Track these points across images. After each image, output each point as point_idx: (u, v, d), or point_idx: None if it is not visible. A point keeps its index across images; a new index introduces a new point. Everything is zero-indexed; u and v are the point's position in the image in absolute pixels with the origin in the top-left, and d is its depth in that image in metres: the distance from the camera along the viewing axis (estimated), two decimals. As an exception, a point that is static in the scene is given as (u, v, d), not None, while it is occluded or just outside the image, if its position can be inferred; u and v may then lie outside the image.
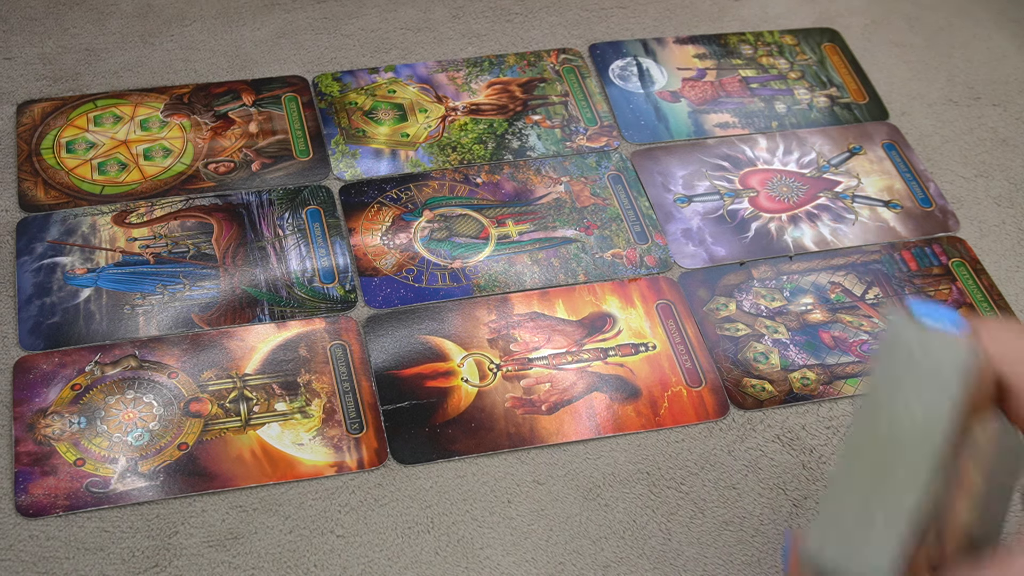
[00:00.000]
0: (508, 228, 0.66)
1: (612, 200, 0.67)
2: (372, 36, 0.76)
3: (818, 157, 0.71)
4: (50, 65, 0.72)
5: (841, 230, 0.67)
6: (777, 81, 0.75)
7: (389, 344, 0.60)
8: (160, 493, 0.54)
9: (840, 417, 0.59)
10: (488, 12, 0.78)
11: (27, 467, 0.54)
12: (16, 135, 0.68)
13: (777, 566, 0.53)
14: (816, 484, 0.56)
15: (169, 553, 0.52)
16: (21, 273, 0.62)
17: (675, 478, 0.56)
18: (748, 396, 0.59)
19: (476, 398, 0.58)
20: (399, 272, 0.63)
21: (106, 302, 0.61)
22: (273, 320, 0.61)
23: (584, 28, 0.77)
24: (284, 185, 0.67)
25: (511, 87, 0.73)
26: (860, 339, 0.62)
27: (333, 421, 0.57)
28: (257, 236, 0.64)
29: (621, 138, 0.71)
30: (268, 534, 0.53)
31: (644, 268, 0.64)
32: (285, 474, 0.55)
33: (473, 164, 0.69)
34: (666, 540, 0.54)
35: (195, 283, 0.62)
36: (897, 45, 0.78)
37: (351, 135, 0.70)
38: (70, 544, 0.52)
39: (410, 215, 0.66)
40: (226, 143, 0.69)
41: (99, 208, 0.65)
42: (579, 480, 0.56)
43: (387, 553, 0.53)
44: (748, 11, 0.79)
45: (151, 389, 0.58)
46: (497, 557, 0.53)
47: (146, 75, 0.72)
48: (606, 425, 0.58)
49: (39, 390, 0.57)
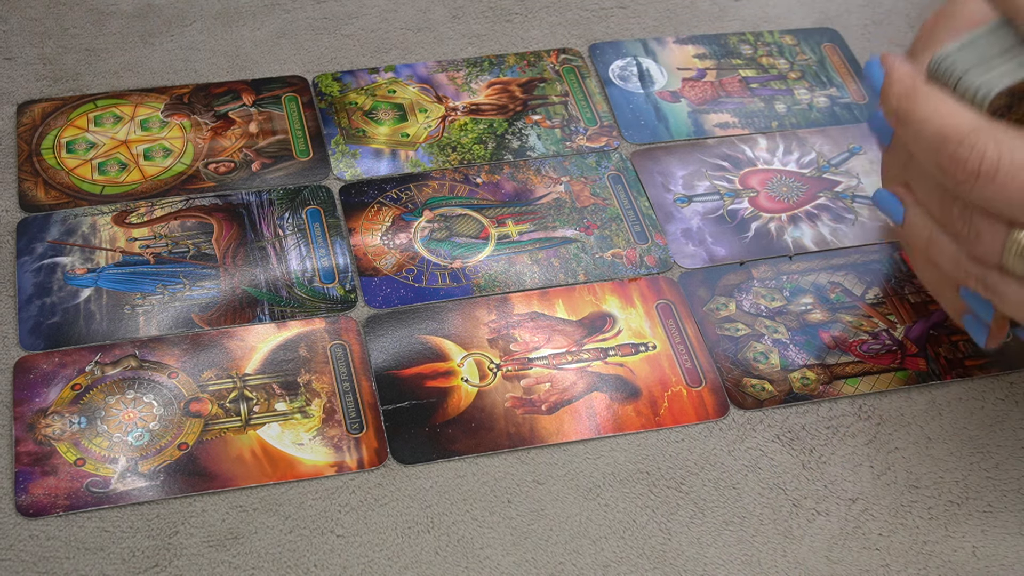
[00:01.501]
0: (508, 228, 0.66)
1: (612, 200, 0.67)
2: (372, 36, 0.76)
3: (818, 157, 0.71)
4: (50, 65, 0.72)
5: (841, 230, 0.67)
6: (777, 81, 0.75)
7: (389, 344, 0.60)
8: (160, 493, 0.54)
9: (840, 417, 0.59)
10: (488, 12, 0.78)
11: (27, 467, 0.54)
12: (16, 135, 0.68)
13: (777, 566, 0.53)
14: (816, 484, 0.56)
15: (169, 553, 0.52)
16: (21, 273, 0.62)
17: (675, 478, 0.56)
18: (748, 396, 0.59)
19: (476, 398, 0.58)
20: (399, 272, 0.63)
21: (106, 302, 0.61)
22: (273, 320, 0.61)
23: (584, 28, 0.77)
24: (284, 185, 0.67)
25: (511, 87, 0.73)
26: (860, 339, 0.62)
27: (333, 421, 0.57)
28: (257, 236, 0.64)
29: (621, 138, 0.71)
30: (268, 534, 0.53)
31: (644, 268, 0.65)
32: (285, 474, 0.55)
33: (473, 164, 0.69)
34: (666, 540, 0.54)
35: (195, 283, 0.62)
36: (897, 45, 0.78)
37: (351, 135, 0.70)
38: (70, 544, 0.52)
39: (410, 215, 0.66)
40: (226, 143, 0.69)
41: (99, 208, 0.65)
42: (579, 480, 0.56)
43: (387, 553, 0.53)
44: (748, 11, 0.79)
45: (151, 389, 0.58)
46: (497, 557, 0.53)
47: (146, 75, 0.72)
48: (606, 425, 0.58)
49: (39, 390, 0.57)
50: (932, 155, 0.49)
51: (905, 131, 0.50)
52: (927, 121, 0.49)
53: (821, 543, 0.54)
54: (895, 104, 0.50)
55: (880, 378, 0.60)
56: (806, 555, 0.54)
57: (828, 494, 0.56)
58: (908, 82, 0.50)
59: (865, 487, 0.56)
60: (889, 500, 0.56)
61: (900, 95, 0.50)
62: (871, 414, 0.59)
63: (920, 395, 0.60)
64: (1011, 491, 0.56)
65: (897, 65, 0.50)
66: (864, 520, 0.55)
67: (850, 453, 0.58)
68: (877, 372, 0.61)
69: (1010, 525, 0.55)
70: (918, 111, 0.49)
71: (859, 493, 0.56)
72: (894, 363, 0.61)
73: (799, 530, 0.55)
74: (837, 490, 0.56)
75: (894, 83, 0.50)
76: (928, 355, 0.61)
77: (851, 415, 0.59)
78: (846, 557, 0.54)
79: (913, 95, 0.49)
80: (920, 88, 0.49)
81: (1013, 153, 0.47)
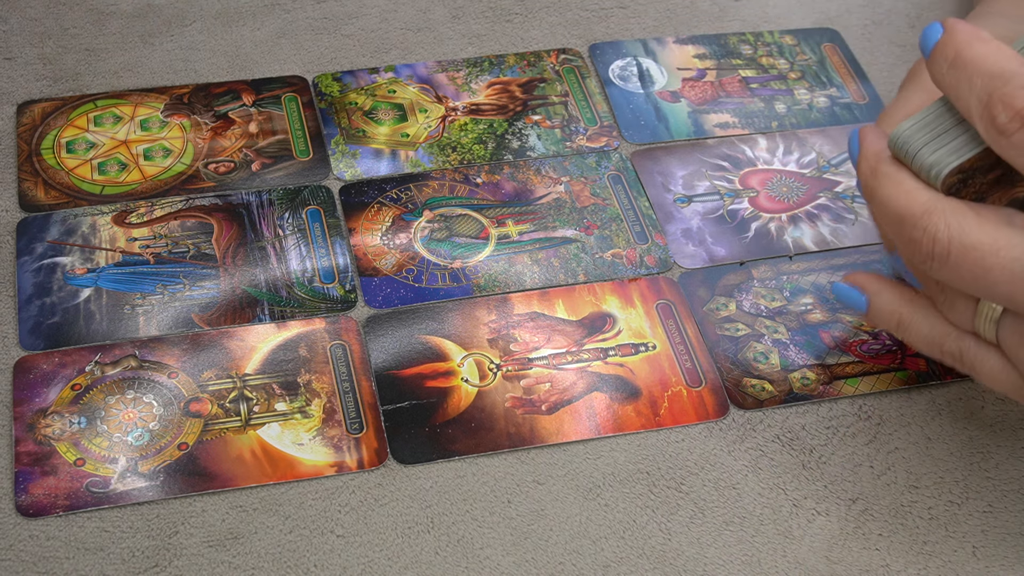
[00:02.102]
0: (508, 228, 0.66)
1: (612, 200, 0.67)
2: (372, 36, 0.76)
3: (818, 157, 0.71)
4: (50, 65, 0.72)
5: (841, 230, 0.67)
6: (777, 81, 0.75)
7: (389, 344, 0.60)
8: (160, 493, 0.54)
9: (840, 417, 0.59)
10: (488, 12, 0.78)
11: (27, 467, 0.54)
12: (16, 135, 0.68)
13: (777, 566, 0.53)
14: (816, 484, 0.56)
15: (169, 553, 0.52)
16: (21, 273, 0.62)
17: (675, 478, 0.56)
18: (748, 396, 0.59)
19: (476, 398, 0.58)
20: (399, 272, 0.63)
21: (106, 302, 0.61)
22: (273, 320, 0.61)
23: (584, 28, 0.77)
24: (284, 185, 0.67)
25: (511, 87, 0.73)
26: (860, 339, 0.62)
27: (333, 421, 0.57)
28: (257, 236, 0.64)
29: (621, 138, 0.71)
30: (268, 534, 0.53)
31: (644, 268, 0.65)
32: (285, 474, 0.55)
33: (473, 164, 0.69)
34: (666, 540, 0.54)
35: (195, 283, 0.62)
36: (897, 45, 0.78)
37: (351, 135, 0.70)
38: (70, 544, 0.52)
39: (410, 215, 0.66)
40: (226, 143, 0.69)
41: (99, 208, 0.65)
42: (579, 480, 0.56)
43: (387, 553, 0.53)
44: (748, 11, 0.79)
45: (151, 389, 0.58)
46: (497, 557, 0.53)
47: (146, 75, 0.72)
48: (606, 425, 0.58)
49: (39, 390, 0.57)
50: (896, 234, 0.49)
51: (872, 208, 0.51)
52: (887, 201, 0.49)
53: (821, 543, 0.54)
54: (863, 181, 0.50)
55: (880, 378, 0.60)
56: (806, 555, 0.54)
57: (828, 494, 0.56)
58: (872, 161, 0.50)
59: (865, 487, 0.56)
60: (889, 500, 0.56)
61: (866, 173, 0.50)
62: (871, 414, 0.59)
63: (920, 395, 0.60)
64: (1011, 491, 0.56)
65: (867, 140, 0.50)
66: (864, 520, 0.55)
67: (850, 453, 0.58)
68: (877, 372, 0.61)
69: (1010, 525, 0.55)
70: (880, 191, 0.49)
71: (859, 493, 0.56)
72: (894, 363, 0.61)
73: (799, 530, 0.55)
74: (837, 490, 0.56)
75: (861, 160, 0.50)
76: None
77: (851, 415, 0.59)
78: (846, 557, 0.54)
79: (876, 175, 0.49)
80: (882, 167, 0.49)
81: (963, 235, 0.47)
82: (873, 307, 0.54)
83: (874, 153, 0.50)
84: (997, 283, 0.46)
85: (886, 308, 0.53)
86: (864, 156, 0.50)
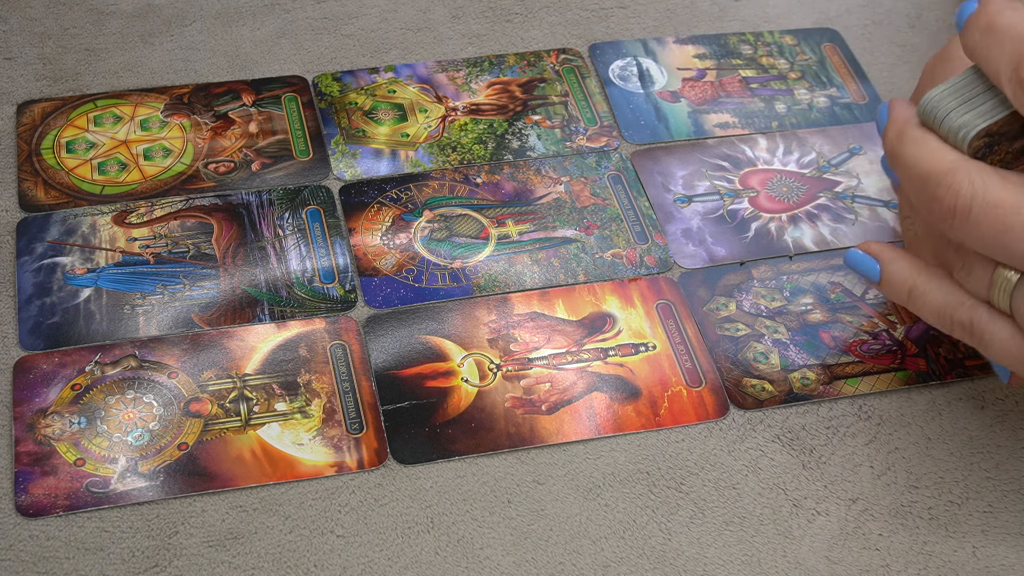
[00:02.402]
0: (508, 228, 0.66)
1: (612, 200, 0.67)
2: (372, 36, 0.76)
3: (818, 157, 0.71)
4: (50, 65, 0.72)
5: (841, 230, 0.67)
6: (777, 81, 0.75)
7: (389, 344, 0.60)
8: (160, 493, 0.54)
9: (840, 417, 0.59)
10: (488, 12, 0.78)
11: (27, 467, 0.54)
12: (16, 135, 0.68)
13: (777, 566, 0.53)
14: (816, 484, 0.56)
15: (169, 553, 0.52)
16: (21, 273, 0.62)
17: (675, 478, 0.56)
18: (748, 396, 0.59)
19: (476, 398, 0.58)
20: (399, 272, 0.63)
21: (106, 302, 0.61)
22: (273, 320, 0.61)
23: (584, 28, 0.77)
24: (284, 185, 0.67)
25: (511, 87, 0.73)
26: (860, 339, 0.62)
27: (333, 421, 0.57)
28: (257, 236, 0.64)
29: (621, 138, 0.71)
30: (268, 534, 0.53)
31: (644, 268, 0.65)
32: (285, 474, 0.55)
33: (473, 164, 0.69)
34: (666, 540, 0.54)
35: (195, 283, 0.62)
36: (897, 45, 0.78)
37: (351, 135, 0.70)
38: (70, 544, 0.52)
39: (410, 215, 0.66)
40: (226, 143, 0.69)
41: (99, 208, 0.65)
42: (579, 480, 0.56)
43: (387, 553, 0.53)
44: (748, 11, 0.79)
45: (151, 389, 0.58)
46: (497, 557, 0.53)
47: (146, 75, 0.72)
48: (606, 425, 0.58)
49: (39, 390, 0.57)
50: (919, 194, 0.50)
51: (898, 172, 0.52)
52: (914, 162, 0.50)
53: (821, 543, 0.54)
54: (888, 147, 0.52)
55: (880, 378, 0.60)
56: (806, 555, 0.54)
57: (828, 494, 0.56)
58: (899, 126, 0.51)
59: (865, 487, 0.56)
60: (889, 500, 0.56)
61: (892, 138, 0.51)
62: (871, 414, 0.59)
63: (920, 395, 0.60)
64: (1011, 491, 0.56)
65: (896, 108, 0.52)
66: (864, 520, 0.55)
67: (850, 453, 0.58)
68: (877, 372, 0.61)
69: (1010, 525, 0.55)
70: (906, 153, 0.50)
71: (859, 493, 0.56)
72: (894, 363, 0.61)
73: (799, 530, 0.55)
74: (837, 490, 0.56)
75: (889, 126, 0.52)
76: (928, 355, 0.61)
77: (851, 415, 0.59)
78: (846, 557, 0.54)
79: (903, 138, 0.51)
80: (909, 131, 0.51)
81: (986, 192, 0.48)
82: (886, 276, 0.54)
83: (903, 119, 0.51)
84: (1017, 241, 0.47)
85: (899, 277, 0.54)
86: (892, 121, 0.51)
